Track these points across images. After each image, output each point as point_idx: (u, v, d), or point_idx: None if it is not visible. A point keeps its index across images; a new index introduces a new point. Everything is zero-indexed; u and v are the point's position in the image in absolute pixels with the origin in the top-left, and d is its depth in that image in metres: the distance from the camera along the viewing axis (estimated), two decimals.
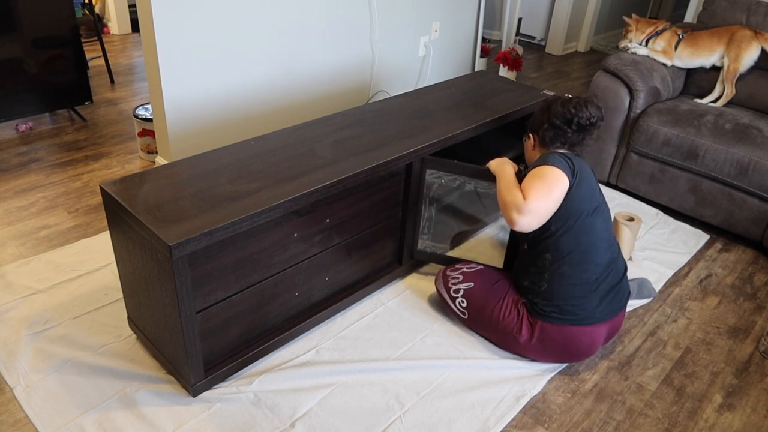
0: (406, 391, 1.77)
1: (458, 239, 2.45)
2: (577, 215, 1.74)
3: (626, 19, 3.01)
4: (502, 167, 1.89)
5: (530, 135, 1.93)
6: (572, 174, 1.75)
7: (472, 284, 1.93)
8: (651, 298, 2.24)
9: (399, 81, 3.57)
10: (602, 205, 1.82)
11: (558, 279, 1.77)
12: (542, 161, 1.77)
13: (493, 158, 2.00)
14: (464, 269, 1.99)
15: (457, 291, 1.95)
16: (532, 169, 1.78)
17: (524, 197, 1.72)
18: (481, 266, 2.00)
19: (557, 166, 1.74)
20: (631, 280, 2.22)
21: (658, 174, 2.76)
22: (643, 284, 2.23)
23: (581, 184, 1.75)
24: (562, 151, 1.85)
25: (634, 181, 2.85)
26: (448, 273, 2.00)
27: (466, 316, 1.95)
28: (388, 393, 1.76)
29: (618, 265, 1.84)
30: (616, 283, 1.82)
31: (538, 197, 1.71)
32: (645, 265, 2.41)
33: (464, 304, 1.94)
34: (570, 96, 1.86)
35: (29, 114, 3.11)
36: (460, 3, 3.72)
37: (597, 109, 1.83)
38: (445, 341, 1.96)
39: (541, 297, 1.79)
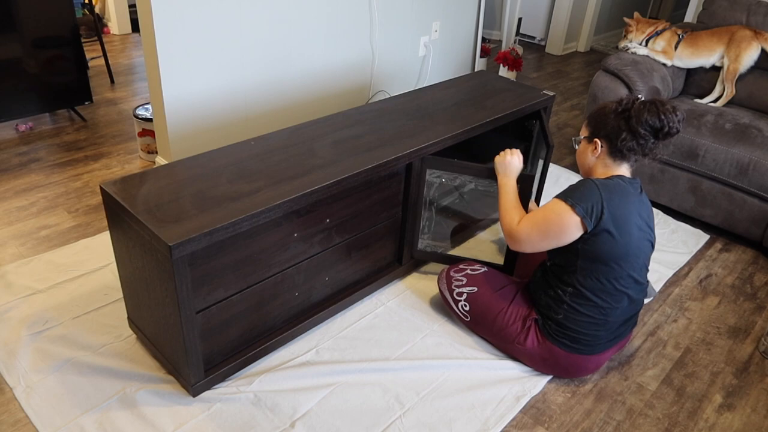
0: (406, 391, 1.77)
1: (459, 238, 2.45)
2: (605, 261, 1.64)
3: (626, 19, 3.01)
4: (506, 176, 1.85)
5: (596, 140, 1.71)
6: (593, 224, 1.60)
7: (475, 289, 1.91)
8: (651, 298, 2.24)
9: (399, 81, 3.57)
10: (640, 249, 1.67)
11: (576, 315, 1.72)
12: (569, 195, 1.63)
13: (497, 153, 1.95)
14: (468, 271, 1.97)
15: (460, 294, 1.94)
16: (556, 199, 1.65)
17: (520, 224, 1.71)
18: (486, 269, 1.98)
19: (576, 212, 1.60)
20: None
21: (658, 174, 2.76)
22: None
23: (608, 233, 1.61)
24: (622, 171, 1.71)
25: None
26: (451, 274, 1.98)
27: (468, 319, 1.94)
28: (388, 393, 1.76)
29: (641, 301, 1.79)
30: (633, 314, 1.80)
31: (532, 233, 1.68)
32: None
33: (467, 308, 1.92)
34: (648, 99, 1.67)
35: (29, 114, 3.11)
36: (460, 3, 3.72)
37: (682, 116, 1.65)
38: (445, 341, 1.96)
39: (555, 322, 1.76)
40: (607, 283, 1.67)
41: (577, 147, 1.82)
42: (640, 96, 1.69)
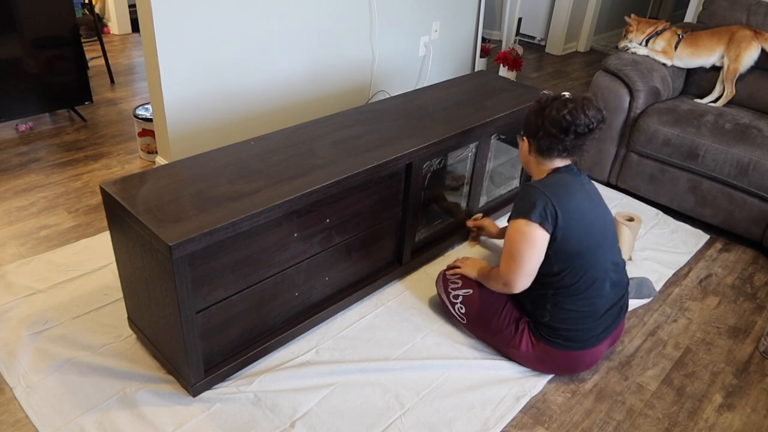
0: (406, 391, 1.77)
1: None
2: (575, 256, 1.67)
3: (627, 19, 3.01)
4: (474, 272, 1.90)
5: (524, 138, 1.79)
6: (552, 227, 1.63)
7: (470, 291, 1.90)
8: (651, 298, 2.24)
9: (399, 81, 3.57)
10: (605, 231, 1.71)
11: (560, 313, 1.73)
12: (521, 209, 1.66)
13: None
14: (463, 271, 1.98)
15: (456, 297, 1.94)
16: (511, 221, 1.69)
17: (500, 269, 1.73)
18: None
19: (533, 220, 1.62)
20: (631, 278, 2.21)
21: (658, 174, 2.76)
22: (642, 283, 2.23)
23: (569, 231, 1.64)
24: (557, 164, 1.74)
25: (634, 181, 2.85)
26: (447, 276, 1.99)
27: (464, 321, 1.94)
28: (388, 393, 1.76)
29: (623, 282, 1.80)
30: (619, 299, 1.80)
31: (512, 264, 1.68)
32: (645, 265, 2.41)
33: (463, 310, 1.93)
34: (567, 96, 1.69)
35: (29, 114, 3.11)
36: (460, 3, 3.72)
37: (597, 112, 1.67)
38: (445, 341, 1.96)
39: (544, 325, 1.77)
40: (585, 275, 1.69)
41: (520, 142, 1.84)
42: (565, 94, 1.70)
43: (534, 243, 1.64)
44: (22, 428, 1.59)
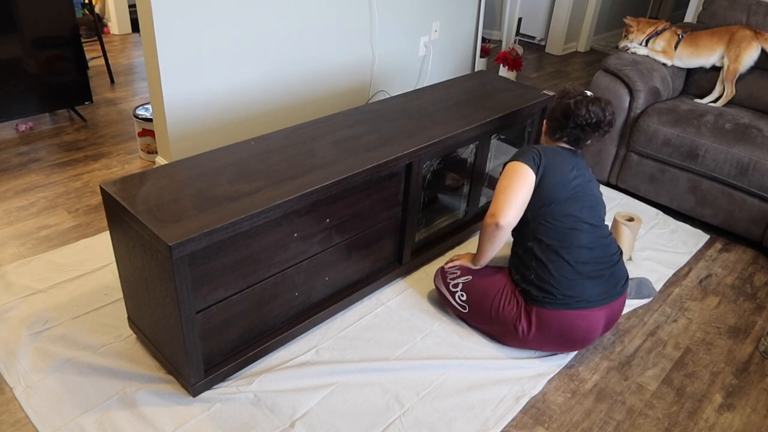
0: (406, 391, 1.77)
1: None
2: (548, 203, 1.81)
3: (627, 20, 3.01)
4: (464, 261, 2.01)
5: (545, 120, 1.99)
6: (536, 167, 1.82)
7: (470, 277, 1.95)
8: (651, 298, 2.24)
9: (399, 81, 3.57)
10: (582, 194, 1.85)
11: (543, 265, 1.80)
12: (514, 156, 1.87)
13: None
14: (460, 263, 2.01)
15: (456, 285, 1.97)
16: (505, 165, 1.88)
17: (493, 205, 1.81)
18: None
19: (521, 161, 1.82)
20: (631, 279, 2.21)
21: (658, 174, 2.76)
22: (642, 283, 2.23)
23: (548, 177, 1.81)
24: (561, 145, 1.93)
25: (634, 181, 2.85)
26: (445, 269, 2.02)
27: (466, 310, 1.95)
28: (388, 393, 1.76)
29: (607, 248, 1.85)
30: (607, 266, 1.83)
31: (501, 198, 1.80)
32: (645, 265, 2.41)
33: (464, 298, 1.94)
34: (586, 93, 1.88)
35: (29, 114, 3.11)
36: (460, 3, 3.72)
37: (600, 110, 1.84)
38: (445, 341, 1.96)
39: (532, 285, 1.81)
40: (556, 222, 1.80)
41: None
42: (588, 93, 1.88)
43: (523, 178, 1.80)
44: (22, 428, 1.59)
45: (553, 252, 1.80)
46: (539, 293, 1.79)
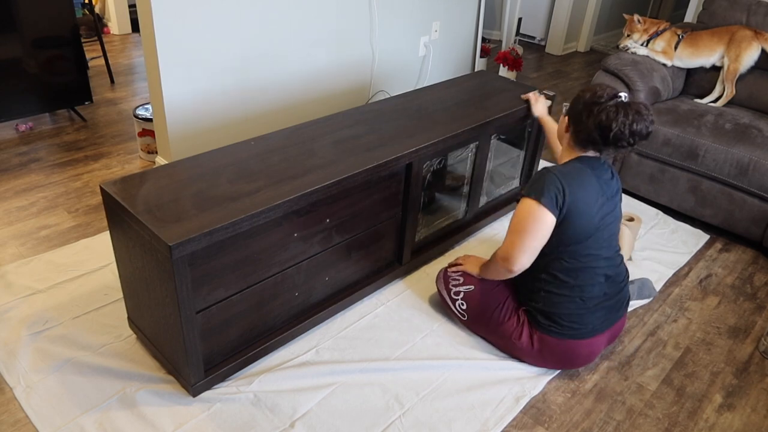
0: (406, 391, 1.76)
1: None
2: (567, 244, 1.69)
3: (633, 17, 2.99)
4: (470, 268, 1.93)
5: (566, 117, 1.76)
6: (558, 210, 1.64)
7: (472, 287, 1.91)
8: (651, 298, 2.24)
9: (399, 81, 3.57)
10: (605, 227, 1.71)
11: (554, 298, 1.75)
12: (533, 189, 1.67)
13: None
14: (465, 268, 1.99)
15: (457, 293, 1.94)
16: (522, 198, 1.69)
17: (503, 245, 1.71)
18: None
19: (543, 203, 1.63)
20: (632, 281, 2.21)
21: (658, 174, 2.76)
22: (644, 285, 2.23)
23: (571, 218, 1.65)
24: (590, 154, 1.73)
25: (634, 181, 2.85)
26: (449, 273, 1.99)
27: (465, 318, 1.94)
28: (388, 393, 1.76)
29: (619, 277, 1.80)
30: (616, 293, 1.80)
31: (515, 240, 1.68)
32: (645, 265, 2.41)
33: (464, 307, 1.93)
34: (623, 99, 1.64)
35: (29, 114, 3.11)
36: (460, 3, 3.72)
37: (644, 127, 1.61)
38: (445, 341, 1.96)
39: (539, 312, 1.78)
40: (575, 262, 1.71)
41: (564, 113, 1.81)
42: (623, 95, 1.65)
43: (541, 223, 1.65)
44: (22, 428, 1.59)
45: (566, 288, 1.73)
46: (544, 320, 1.77)
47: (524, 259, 1.69)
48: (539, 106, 2.38)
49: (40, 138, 3.09)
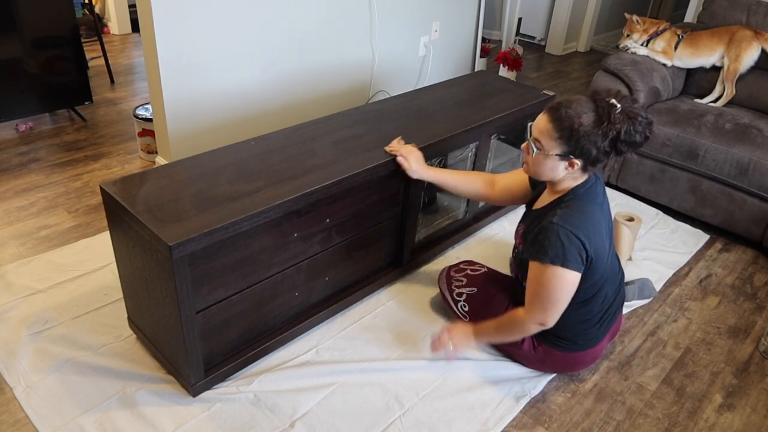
0: (406, 391, 1.76)
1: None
2: (584, 281, 1.63)
3: (635, 18, 2.99)
4: (471, 339, 1.76)
5: (572, 159, 1.55)
6: (583, 267, 1.57)
7: (475, 289, 1.90)
8: (651, 298, 2.24)
9: (399, 81, 3.57)
10: (612, 245, 1.66)
11: (565, 321, 1.69)
12: (554, 255, 1.53)
13: None
14: (468, 271, 1.97)
15: (459, 294, 1.93)
16: (544, 265, 1.54)
17: (526, 313, 1.61)
18: (486, 269, 1.98)
19: (570, 268, 1.53)
20: (633, 281, 2.21)
21: (658, 174, 2.75)
22: (644, 285, 2.23)
23: (592, 265, 1.59)
24: (588, 176, 1.60)
25: (634, 181, 2.85)
26: (452, 274, 1.98)
27: (467, 320, 1.93)
28: (388, 393, 1.76)
29: (619, 282, 1.79)
30: (615, 297, 1.78)
31: (548, 308, 1.59)
32: (645, 265, 2.41)
33: (466, 308, 1.92)
34: (616, 104, 1.50)
35: (29, 114, 3.11)
36: (460, 3, 3.72)
37: (646, 121, 1.53)
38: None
39: (548, 332, 1.74)
40: (588, 291, 1.66)
41: (534, 153, 1.59)
42: (610, 101, 1.51)
43: (572, 286, 1.58)
44: (22, 428, 1.59)
45: (578, 313, 1.69)
46: (549, 336, 1.76)
47: (558, 317, 1.63)
48: (412, 161, 1.89)
49: (40, 138, 3.09)
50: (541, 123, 1.57)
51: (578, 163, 1.56)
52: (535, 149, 1.59)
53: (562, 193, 1.65)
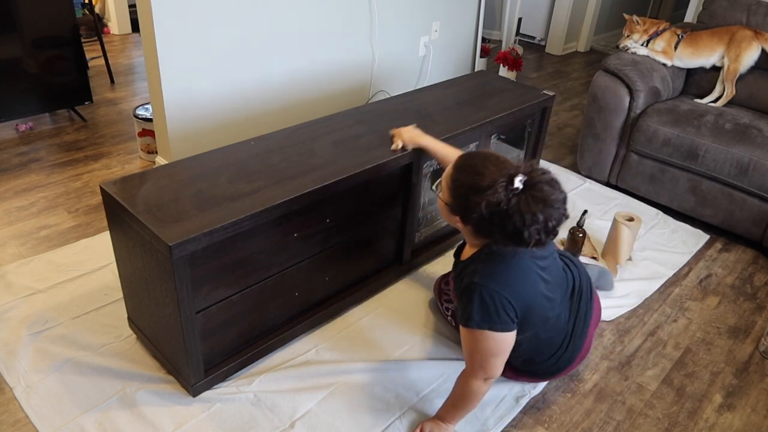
0: (406, 391, 1.76)
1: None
2: (531, 326, 1.54)
3: (632, 17, 2.99)
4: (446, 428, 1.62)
5: (457, 218, 1.43)
6: (516, 323, 1.46)
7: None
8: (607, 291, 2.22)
9: (399, 81, 3.57)
10: (556, 292, 1.56)
11: (530, 356, 1.66)
12: (480, 320, 1.41)
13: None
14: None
15: (447, 309, 1.97)
16: (470, 330, 1.44)
17: (479, 375, 1.50)
18: None
19: (503, 330, 1.43)
20: (590, 266, 2.17)
21: (658, 174, 2.75)
22: (602, 275, 2.19)
23: (528, 317, 1.49)
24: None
25: (634, 181, 2.85)
26: (441, 287, 2.00)
27: (455, 326, 1.96)
28: (388, 393, 1.76)
29: (584, 288, 1.68)
30: (576, 315, 1.67)
31: (497, 370, 1.49)
32: (645, 265, 2.41)
33: (453, 324, 1.95)
34: (518, 184, 1.29)
35: (29, 114, 3.11)
36: (460, 3, 3.72)
37: (560, 216, 1.31)
38: (445, 341, 1.96)
39: (521, 364, 1.71)
40: (527, 339, 1.58)
41: (438, 196, 1.48)
42: (517, 180, 1.30)
43: (507, 344, 1.48)
44: (22, 428, 1.59)
45: (539, 347, 1.63)
46: (528, 368, 1.72)
47: (503, 366, 1.52)
48: (404, 134, 1.87)
49: (40, 138, 3.09)
50: (451, 164, 1.44)
51: (467, 228, 1.42)
52: (437, 189, 1.47)
53: (476, 246, 1.51)
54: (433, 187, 1.45)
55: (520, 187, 1.30)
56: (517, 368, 1.74)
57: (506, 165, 1.35)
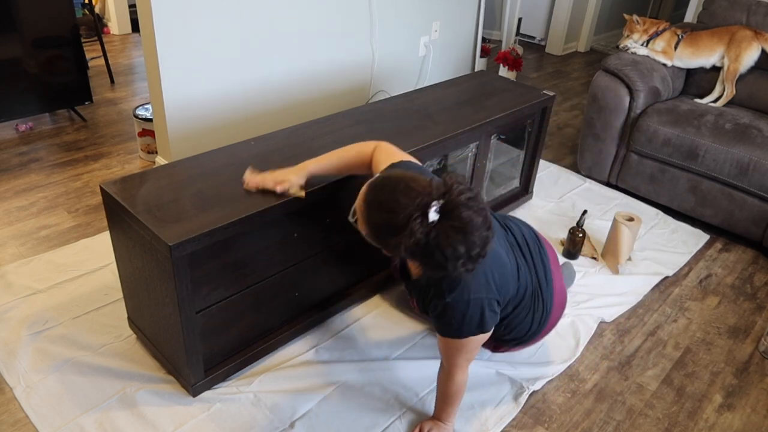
0: (406, 391, 1.76)
1: None
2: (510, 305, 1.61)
3: (632, 17, 2.99)
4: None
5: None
6: (500, 308, 1.50)
7: None
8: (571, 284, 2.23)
9: (399, 81, 3.57)
10: (523, 253, 1.61)
11: (509, 328, 1.68)
12: (469, 329, 1.41)
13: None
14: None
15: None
16: (456, 339, 1.44)
17: (463, 368, 1.51)
18: None
19: (489, 329, 1.46)
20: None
21: (658, 174, 2.76)
22: (565, 267, 2.20)
23: (505, 293, 1.53)
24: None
25: (634, 181, 2.85)
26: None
27: None
28: (388, 393, 1.76)
29: (534, 249, 1.69)
30: (539, 259, 1.69)
31: (474, 355, 1.52)
32: (645, 265, 2.41)
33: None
34: (433, 213, 1.20)
35: (29, 114, 3.11)
36: (460, 3, 3.72)
37: (480, 232, 1.22)
38: None
39: (511, 340, 1.75)
40: (519, 305, 1.64)
41: (356, 227, 1.37)
42: (432, 209, 1.20)
43: (488, 335, 1.52)
44: (22, 428, 1.59)
45: (512, 324, 1.66)
46: (502, 342, 1.76)
47: (477, 352, 1.56)
48: (290, 176, 1.62)
49: (40, 138, 3.09)
50: (361, 193, 1.33)
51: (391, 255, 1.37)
52: (351, 218, 1.36)
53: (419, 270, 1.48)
54: (350, 218, 1.34)
55: (436, 218, 1.20)
56: (502, 339, 1.75)
57: (419, 191, 1.22)
